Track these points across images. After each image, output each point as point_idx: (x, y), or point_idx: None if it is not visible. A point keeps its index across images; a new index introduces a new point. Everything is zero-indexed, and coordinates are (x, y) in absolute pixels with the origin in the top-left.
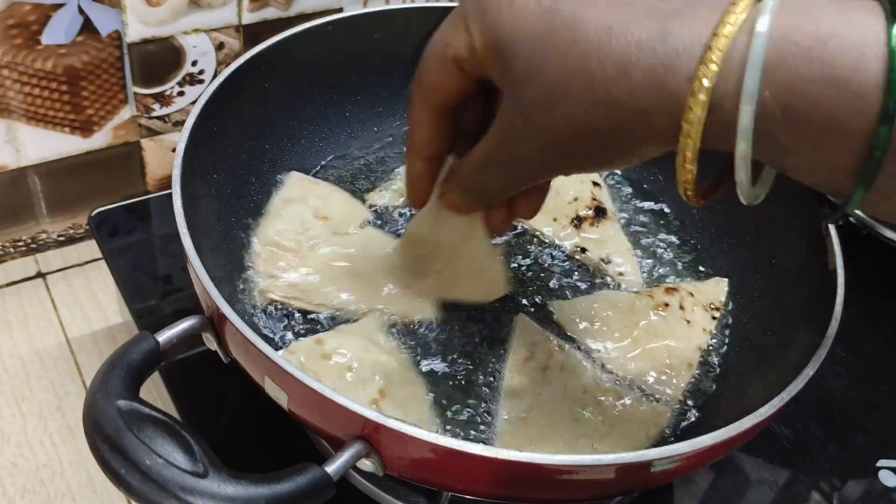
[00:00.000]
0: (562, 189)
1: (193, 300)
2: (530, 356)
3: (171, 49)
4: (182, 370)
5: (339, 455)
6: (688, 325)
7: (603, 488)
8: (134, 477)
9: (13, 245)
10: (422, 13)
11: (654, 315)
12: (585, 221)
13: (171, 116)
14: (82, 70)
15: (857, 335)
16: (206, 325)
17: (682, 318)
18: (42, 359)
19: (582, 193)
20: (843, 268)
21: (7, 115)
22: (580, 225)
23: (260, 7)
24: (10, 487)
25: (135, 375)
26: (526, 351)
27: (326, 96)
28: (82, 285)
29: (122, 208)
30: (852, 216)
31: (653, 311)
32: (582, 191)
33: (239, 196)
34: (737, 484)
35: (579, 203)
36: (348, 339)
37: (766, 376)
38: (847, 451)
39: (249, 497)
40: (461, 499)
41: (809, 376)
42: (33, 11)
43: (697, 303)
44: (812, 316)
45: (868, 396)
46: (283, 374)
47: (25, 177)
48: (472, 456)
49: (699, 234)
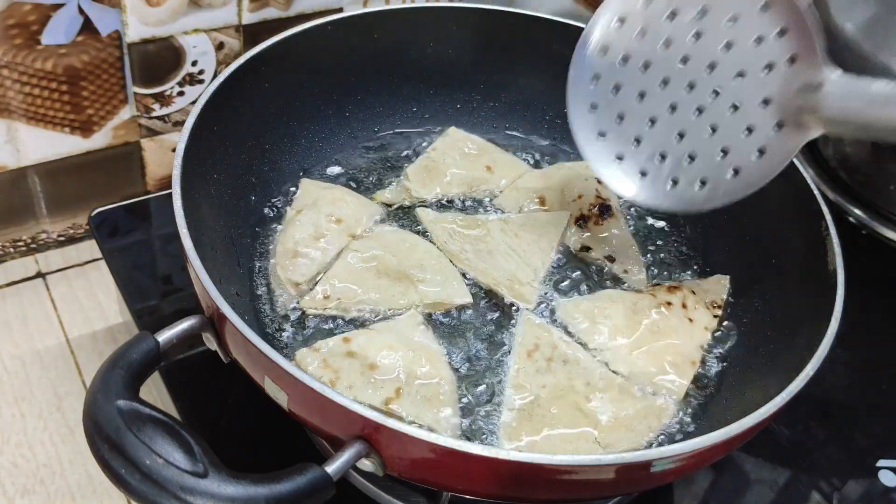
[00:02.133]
0: (566, 188)
1: (193, 300)
2: (535, 349)
3: (171, 49)
4: (182, 370)
5: (339, 455)
6: (690, 324)
7: (603, 488)
8: (134, 477)
9: (13, 245)
10: (422, 13)
11: (656, 314)
12: (590, 220)
13: (171, 116)
14: (82, 70)
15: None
16: (206, 325)
17: (684, 316)
18: (42, 359)
19: (586, 191)
20: (843, 268)
21: (7, 115)
22: (585, 224)
23: (260, 7)
24: (10, 487)
25: (135, 375)
26: (531, 344)
27: (326, 96)
28: (82, 285)
29: (122, 208)
30: None
31: (655, 310)
32: (586, 189)
33: (239, 196)
34: (737, 484)
35: (583, 201)
36: (378, 336)
37: (766, 376)
38: (847, 451)
39: (249, 497)
40: (461, 499)
41: (809, 376)
42: (33, 11)
43: (699, 301)
44: (812, 316)
45: (868, 396)
46: (283, 374)
47: (25, 177)
48: (472, 456)
49: (700, 233)
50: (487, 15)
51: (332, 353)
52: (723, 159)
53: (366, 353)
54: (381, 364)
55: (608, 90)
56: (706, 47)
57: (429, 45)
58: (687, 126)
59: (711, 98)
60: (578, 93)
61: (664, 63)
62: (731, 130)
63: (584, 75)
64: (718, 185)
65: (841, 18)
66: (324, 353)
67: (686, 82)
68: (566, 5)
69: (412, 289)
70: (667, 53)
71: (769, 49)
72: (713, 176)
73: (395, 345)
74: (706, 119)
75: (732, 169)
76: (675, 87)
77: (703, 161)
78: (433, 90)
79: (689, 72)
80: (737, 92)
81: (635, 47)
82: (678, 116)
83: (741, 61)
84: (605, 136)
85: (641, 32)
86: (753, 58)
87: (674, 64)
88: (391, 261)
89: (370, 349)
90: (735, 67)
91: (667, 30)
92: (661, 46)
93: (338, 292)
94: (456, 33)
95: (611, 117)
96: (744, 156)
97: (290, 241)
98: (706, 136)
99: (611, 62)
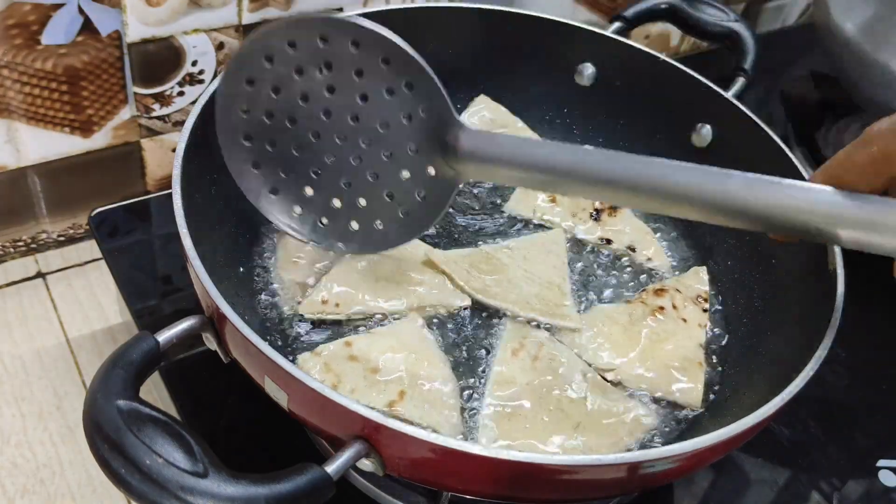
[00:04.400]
0: None
1: (193, 300)
2: (520, 347)
3: (171, 49)
4: (182, 370)
5: (339, 455)
6: (685, 324)
7: (603, 488)
8: (134, 477)
9: (13, 245)
10: (422, 13)
11: (652, 321)
12: (604, 213)
13: (171, 116)
14: (82, 70)
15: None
16: (206, 325)
17: (678, 317)
18: (42, 359)
19: None
20: (843, 268)
21: (7, 115)
22: (599, 217)
23: (260, 7)
24: (10, 487)
25: (135, 375)
26: (517, 343)
27: None
28: (82, 285)
29: (122, 208)
30: None
31: (651, 318)
32: None
33: (239, 196)
34: (737, 484)
35: None
36: (380, 340)
37: (766, 376)
38: (847, 451)
39: (249, 497)
40: (461, 499)
41: (809, 376)
42: (33, 11)
43: (686, 298)
44: (812, 316)
45: (868, 396)
46: (283, 374)
47: (25, 177)
48: (472, 456)
49: (700, 233)
50: (487, 15)
51: (334, 356)
52: (392, 202)
53: (367, 356)
54: (384, 367)
55: (264, 147)
56: (343, 100)
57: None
58: (351, 174)
59: (366, 147)
60: (235, 155)
61: (309, 117)
62: (391, 177)
63: (234, 137)
64: (393, 226)
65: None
66: (325, 357)
67: (336, 133)
68: (566, 5)
69: (411, 292)
70: (308, 107)
71: (403, 101)
72: (387, 218)
73: (397, 347)
74: (366, 166)
75: (402, 212)
76: (327, 139)
77: (374, 204)
78: None
79: (336, 124)
80: (386, 141)
81: (275, 105)
82: (340, 166)
83: (380, 113)
84: (279, 192)
85: (275, 90)
86: (390, 109)
87: (318, 117)
88: (390, 264)
89: (372, 352)
90: (376, 118)
91: (300, 85)
92: (300, 101)
93: (336, 297)
94: (456, 33)
95: (276, 173)
96: (409, 199)
97: (292, 241)
98: (371, 182)
99: (258, 120)
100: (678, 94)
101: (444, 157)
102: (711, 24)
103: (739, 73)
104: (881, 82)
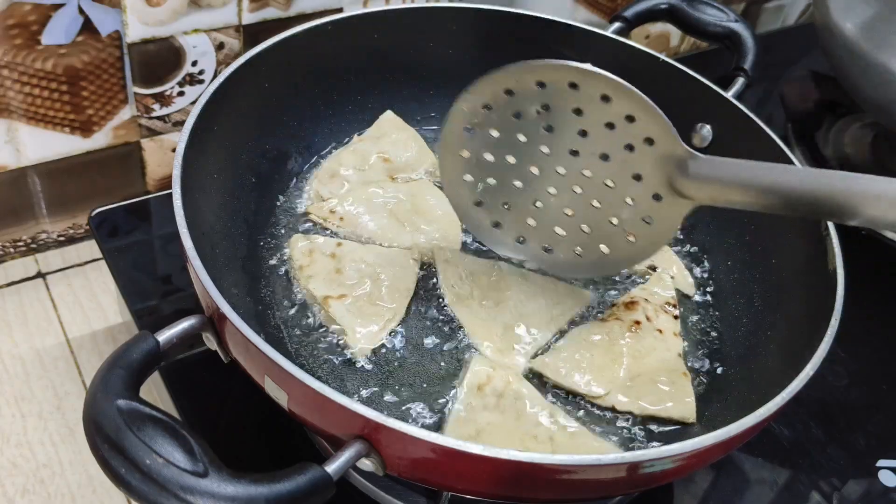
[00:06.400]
0: None
1: (193, 300)
2: (487, 382)
3: (171, 49)
4: (182, 370)
5: (339, 455)
6: (661, 336)
7: (602, 488)
8: (134, 476)
9: (13, 245)
10: (422, 13)
11: (630, 338)
12: None
13: (171, 116)
14: (82, 70)
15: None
16: (206, 325)
17: (653, 328)
18: (42, 359)
19: None
20: (843, 268)
21: (7, 115)
22: None
23: (260, 7)
24: (10, 487)
25: (135, 375)
26: (484, 377)
27: (326, 96)
28: (82, 285)
29: (122, 208)
30: None
31: (629, 334)
32: None
33: (239, 196)
34: (737, 484)
35: None
36: (366, 253)
37: (766, 377)
38: (847, 451)
39: (249, 497)
40: (461, 499)
41: (809, 376)
42: (33, 11)
43: (656, 307)
44: (812, 316)
45: (868, 396)
46: (283, 374)
47: (25, 177)
48: (472, 456)
49: (700, 233)
50: (487, 15)
51: (320, 247)
52: (616, 227)
53: (344, 258)
54: (348, 271)
55: (486, 186)
56: (562, 137)
57: (429, 45)
58: (572, 204)
59: (588, 177)
60: (461, 195)
61: (529, 155)
62: (614, 204)
63: (458, 179)
64: (619, 250)
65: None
66: (313, 245)
67: (555, 169)
68: (566, 5)
69: (413, 235)
70: (529, 147)
71: (624, 133)
72: (612, 243)
73: (374, 264)
74: (589, 195)
75: (627, 236)
76: (547, 174)
77: (599, 230)
78: (433, 90)
79: (556, 159)
80: (607, 172)
81: (495, 147)
82: (561, 198)
83: (601, 146)
84: (501, 226)
85: (497, 130)
86: (611, 141)
87: (538, 154)
88: (406, 207)
89: (350, 257)
90: (597, 151)
91: (519, 127)
92: (520, 141)
93: (345, 213)
94: (456, 33)
95: (498, 208)
96: (634, 223)
97: (337, 161)
98: (594, 208)
99: (478, 162)
100: (678, 94)
101: (672, 183)
102: (711, 24)
103: (739, 73)
104: (881, 82)
